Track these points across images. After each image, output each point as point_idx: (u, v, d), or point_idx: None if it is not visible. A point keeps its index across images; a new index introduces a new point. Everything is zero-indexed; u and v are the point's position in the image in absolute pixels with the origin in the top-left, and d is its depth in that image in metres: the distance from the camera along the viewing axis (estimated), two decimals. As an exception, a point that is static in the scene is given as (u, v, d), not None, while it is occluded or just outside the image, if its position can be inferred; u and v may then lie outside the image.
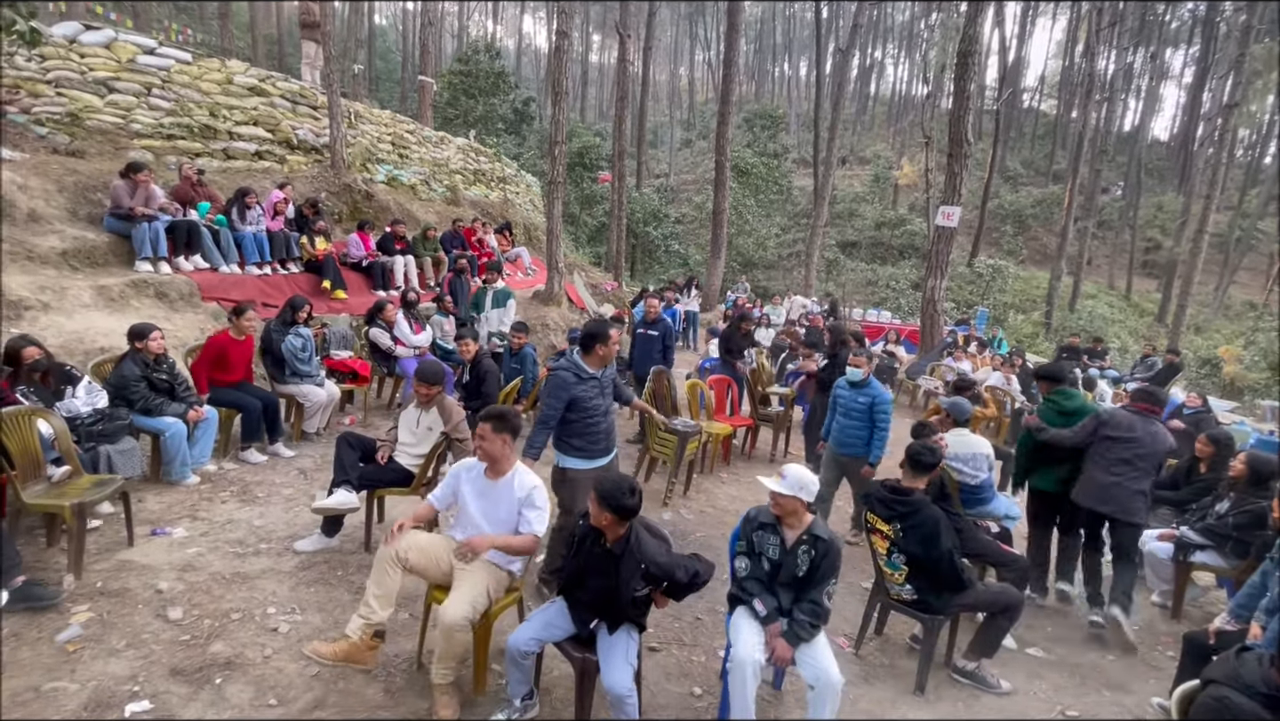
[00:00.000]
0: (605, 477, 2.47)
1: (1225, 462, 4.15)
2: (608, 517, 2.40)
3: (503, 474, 2.77)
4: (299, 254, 7.47)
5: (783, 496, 2.66)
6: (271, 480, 4.52)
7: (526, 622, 2.59)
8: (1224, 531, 3.79)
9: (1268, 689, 1.75)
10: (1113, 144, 35.39)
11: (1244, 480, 3.81)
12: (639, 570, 2.38)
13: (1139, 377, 10.43)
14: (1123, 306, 27.13)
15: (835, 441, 4.70)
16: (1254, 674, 1.80)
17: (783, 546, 2.70)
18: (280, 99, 9.41)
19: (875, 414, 4.52)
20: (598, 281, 14.65)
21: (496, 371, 5.45)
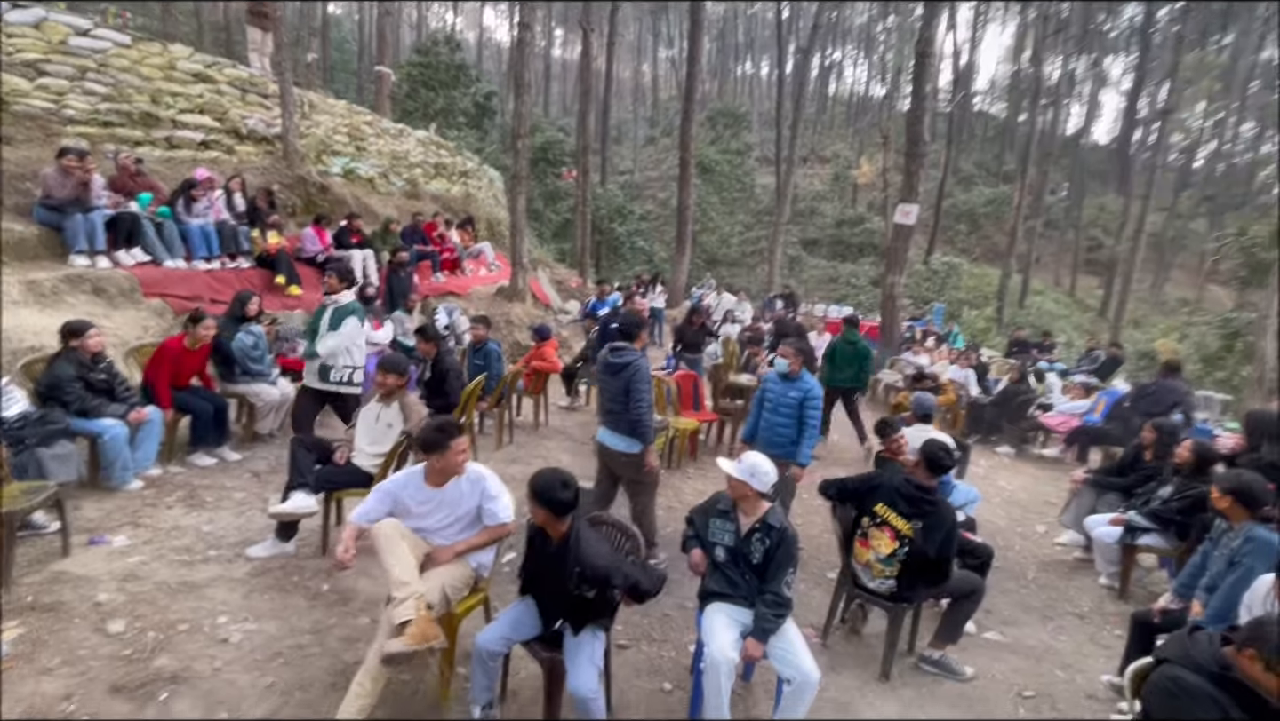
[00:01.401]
0: (540, 472, 2.41)
1: (1169, 450, 4.35)
2: (543, 514, 2.36)
3: (452, 479, 2.68)
4: (250, 248, 7.17)
5: (734, 480, 2.69)
6: (222, 484, 4.33)
7: (495, 622, 2.54)
8: (1168, 515, 3.97)
9: (1217, 666, 1.82)
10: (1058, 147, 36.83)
11: (1189, 466, 4.00)
12: (576, 572, 2.33)
13: (1084, 370, 10.87)
14: (1068, 302, 28.30)
15: (763, 441, 4.25)
16: (1204, 652, 1.87)
17: (737, 533, 2.72)
18: (228, 86, 9.00)
19: (806, 409, 4.15)
20: (563, 278, 14.53)
21: (459, 369, 5.34)
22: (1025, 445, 8.15)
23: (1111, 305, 23.77)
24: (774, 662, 2.57)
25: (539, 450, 5.94)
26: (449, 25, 44.96)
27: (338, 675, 2.64)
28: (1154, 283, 29.70)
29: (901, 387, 8.52)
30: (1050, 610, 4.10)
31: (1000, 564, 4.29)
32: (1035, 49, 27.47)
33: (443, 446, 2.60)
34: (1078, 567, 4.76)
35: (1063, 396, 8.55)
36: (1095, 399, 7.94)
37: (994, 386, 8.86)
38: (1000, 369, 10.65)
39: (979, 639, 3.64)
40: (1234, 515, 2.84)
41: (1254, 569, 2.65)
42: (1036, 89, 25.81)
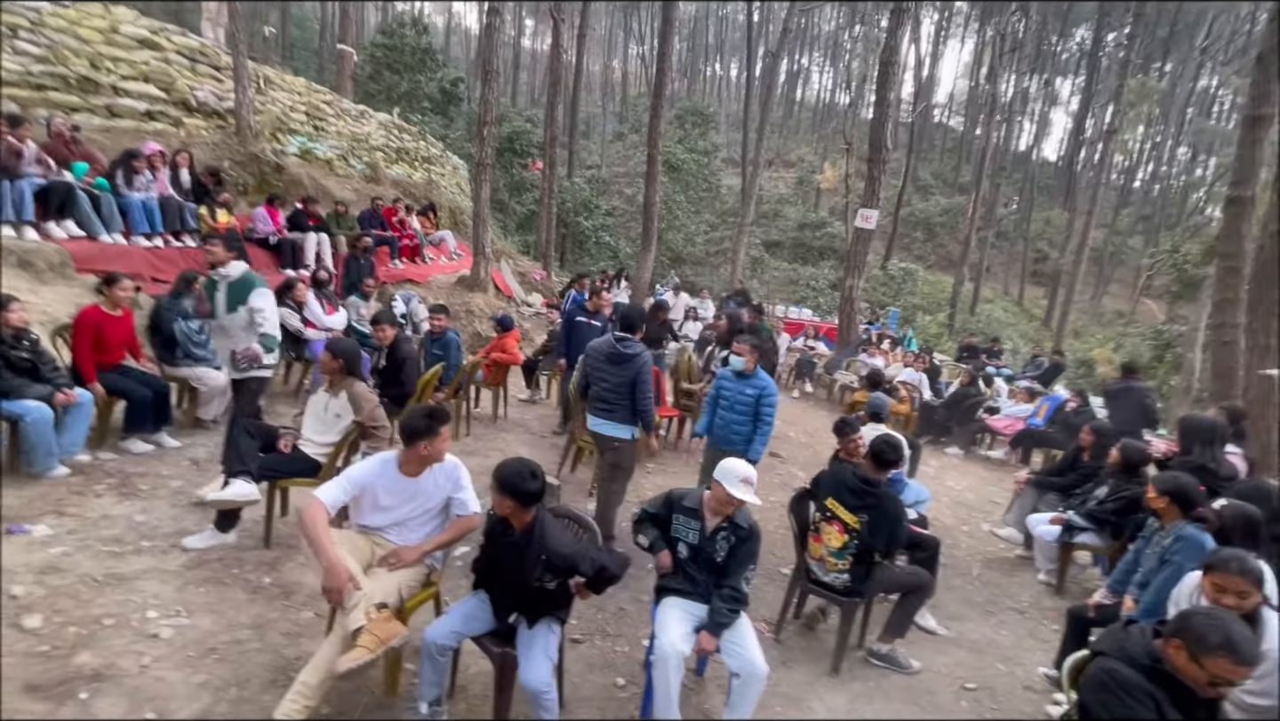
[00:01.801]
0: (506, 462, 2.35)
1: (1106, 451, 4.55)
2: (509, 504, 2.30)
3: (429, 468, 2.60)
4: (196, 226, 6.83)
5: (736, 499, 2.61)
6: (158, 471, 4.10)
7: (445, 616, 2.47)
8: (1103, 516, 4.16)
9: (1148, 659, 1.90)
10: (1010, 161, 38.31)
11: (1118, 467, 4.19)
12: (541, 561, 2.29)
13: (1029, 376, 11.33)
14: (1016, 311, 29.46)
15: (718, 438, 4.23)
16: (1136, 646, 1.95)
17: (702, 532, 2.71)
18: (176, 55, 8.56)
19: (761, 406, 4.13)
20: (526, 270, 14.34)
21: (416, 358, 5.20)
22: (973, 446, 8.44)
23: (1055, 315, 24.84)
24: (723, 656, 2.57)
25: (497, 443, 5.84)
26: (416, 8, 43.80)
27: (278, 672, 2.53)
28: (1094, 295, 31.19)
29: (857, 388, 8.71)
30: (992, 605, 4.25)
31: (947, 561, 4.42)
32: (992, 66, 28.46)
33: (433, 432, 2.52)
34: (1019, 565, 4.95)
35: (1009, 400, 8.89)
36: (1038, 403, 8.28)
37: (945, 389, 9.15)
38: (951, 373, 11.01)
39: (925, 632, 3.74)
40: (1168, 515, 2.98)
41: (1183, 566, 2.78)
42: (992, 104, 26.73)
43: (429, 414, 2.55)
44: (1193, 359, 12.79)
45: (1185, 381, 12.96)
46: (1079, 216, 27.04)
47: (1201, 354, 12.35)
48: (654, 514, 2.85)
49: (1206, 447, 3.69)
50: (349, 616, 2.18)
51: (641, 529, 2.86)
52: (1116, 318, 28.52)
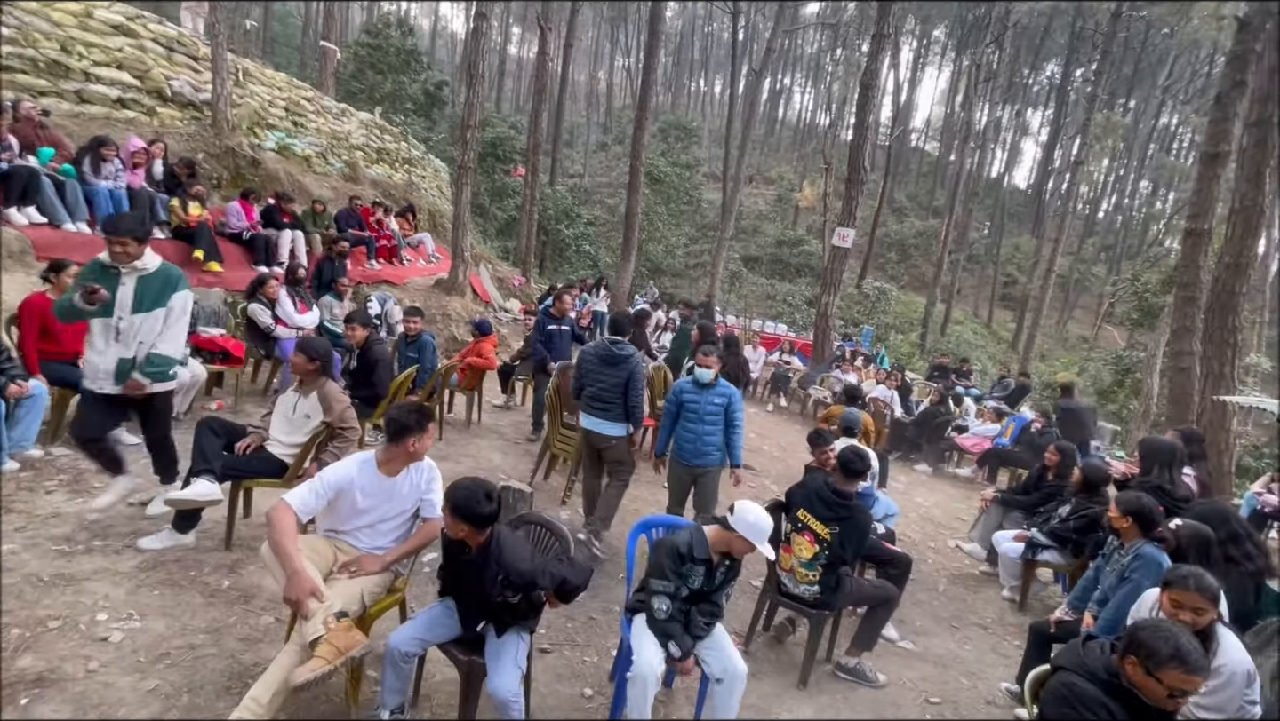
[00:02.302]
0: (458, 484, 2.24)
1: (1070, 471, 4.67)
2: (464, 528, 2.22)
3: (406, 468, 2.56)
4: (166, 218, 6.65)
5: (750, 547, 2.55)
6: (114, 469, 3.95)
7: (410, 622, 2.41)
8: (1065, 534, 4.26)
9: (1107, 674, 1.94)
10: (982, 187, 39.43)
11: (1079, 487, 4.30)
12: (499, 580, 2.25)
13: (996, 396, 11.60)
14: (985, 333, 30.18)
15: (687, 452, 4.08)
16: (1095, 661, 1.99)
17: (708, 574, 2.64)
18: (153, 43, 8.37)
19: (733, 413, 4.09)
20: (505, 275, 14.26)
21: (389, 359, 5.12)
22: (942, 464, 8.59)
23: (1022, 338, 25.53)
24: (702, 664, 2.57)
25: (470, 449, 5.77)
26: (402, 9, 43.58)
27: (233, 678, 2.44)
28: (1059, 319, 32.15)
29: (831, 403, 8.82)
30: (958, 620, 4.31)
31: (914, 576, 4.47)
32: (967, 94, 29.36)
33: (422, 429, 2.52)
34: (984, 581, 5.04)
35: (976, 420, 9.08)
36: (1005, 423, 8.48)
37: (916, 407, 9.31)
38: (922, 391, 11.21)
39: (894, 647, 3.78)
40: (1128, 534, 3.07)
41: (1141, 584, 2.86)
42: (966, 132, 27.53)
43: (418, 410, 2.55)
44: (1151, 384, 13.24)
45: (1144, 405, 13.40)
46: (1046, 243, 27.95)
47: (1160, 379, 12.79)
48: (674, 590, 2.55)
49: (1165, 469, 3.81)
50: (307, 625, 2.11)
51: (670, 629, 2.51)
52: (1080, 342, 29.44)
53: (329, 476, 2.45)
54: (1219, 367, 7.62)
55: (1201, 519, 2.93)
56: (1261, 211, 7.63)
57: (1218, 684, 2.32)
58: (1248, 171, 7.63)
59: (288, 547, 2.18)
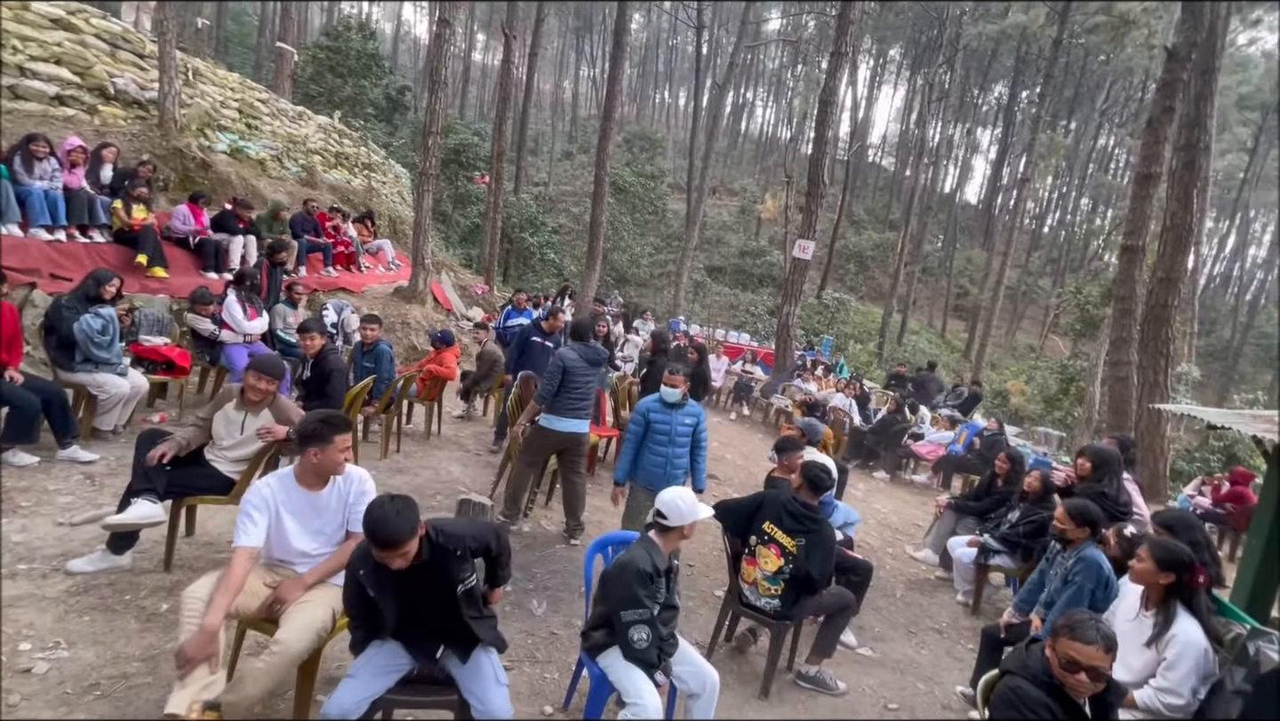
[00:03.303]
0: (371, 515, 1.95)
1: (1020, 476, 4.84)
2: (395, 554, 1.95)
3: (329, 482, 2.46)
4: (108, 221, 6.35)
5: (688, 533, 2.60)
6: (43, 486, 3.74)
7: (346, 681, 2.03)
8: (1015, 539, 4.41)
9: (1047, 676, 2.01)
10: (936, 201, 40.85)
11: (1036, 493, 4.46)
12: (456, 556, 2.09)
13: (950, 404, 11.97)
14: (939, 342, 31.19)
15: (656, 477, 3.88)
16: (1038, 663, 2.06)
17: (669, 582, 2.63)
18: (95, 39, 8.02)
19: (699, 434, 4.02)
20: (468, 283, 14.06)
21: (344, 369, 4.97)
22: (899, 471, 8.80)
23: (974, 347, 26.45)
24: (678, 683, 2.57)
25: (429, 460, 5.65)
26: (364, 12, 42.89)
27: (170, 708, 2.31)
28: (1008, 329, 33.44)
29: (792, 412, 8.95)
30: (914, 626, 4.40)
31: (874, 582, 4.55)
32: (921, 113, 30.43)
33: (324, 439, 2.33)
34: (939, 586, 5.16)
35: (931, 427, 9.35)
36: (958, 430, 8.75)
37: (874, 415, 9.54)
38: (880, 399, 11.49)
39: (853, 654, 3.83)
40: (1076, 537, 3.18)
41: (1083, 586, 2.98)
42: (920, 148, 28.54)
43: (325, 420, 2.40)
44: (1093, 392, 13.86)
45: (1087, 413, 14.01)
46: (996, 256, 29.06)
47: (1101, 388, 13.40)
48: (651, 614, 2.45)
49: (1113, 476, 3.97)
50: (175, 695, 1.99)
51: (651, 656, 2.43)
52: (1028, 351, 30.67)
53: (253, 498, 2.31)
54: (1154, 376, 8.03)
55: (1168, 527, 3.04)
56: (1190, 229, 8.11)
57: (1172, 657, 2.44)
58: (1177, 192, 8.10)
59: (220, 602, 2.08)
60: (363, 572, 2.04)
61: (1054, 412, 16.53)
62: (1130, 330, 8.41)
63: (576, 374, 4.31)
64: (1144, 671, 2.58)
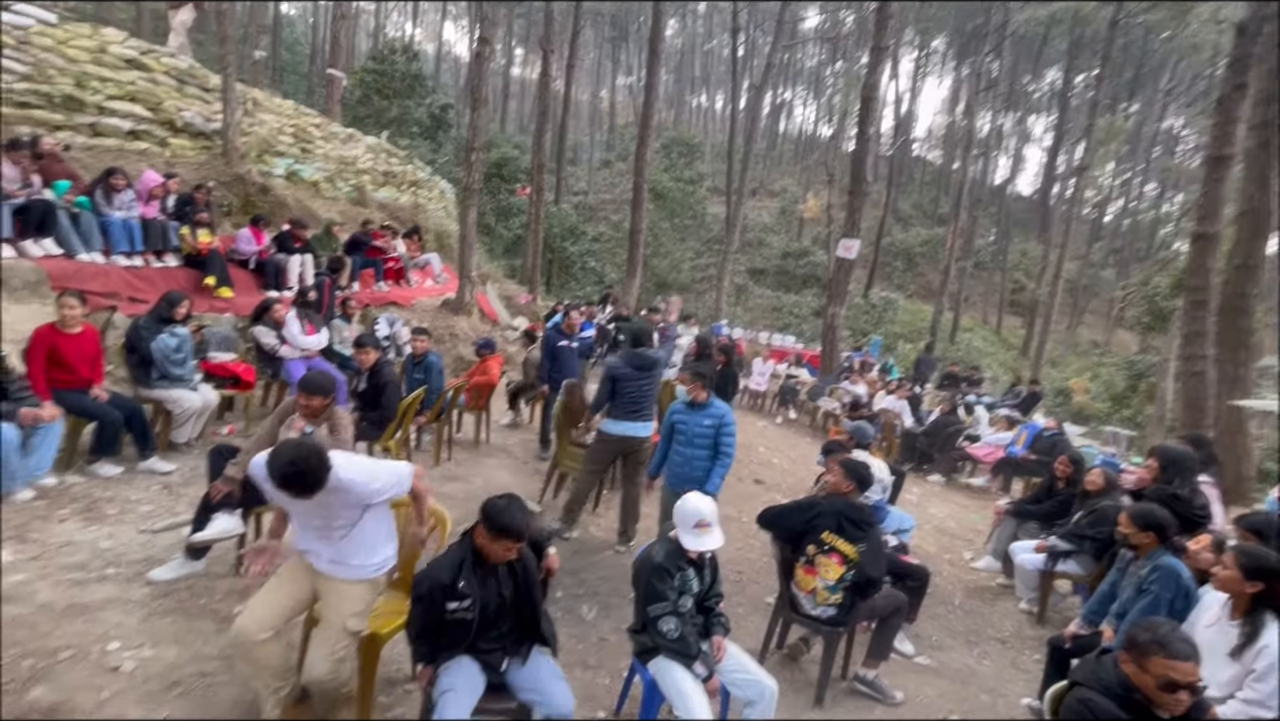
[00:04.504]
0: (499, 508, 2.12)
1: (1082, 478, 4.61)
2: (514, 545, 2.14)
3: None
4: (178, 245, 6.77)
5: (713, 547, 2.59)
6: (126, 496, 3.99)
7: (449, 694, 2.10)
8: (1081, 532, 4.21)
9: (1121, 689, 1.91)
10: (986, 194, 39.43)
11: (1099, 490, 4.25)
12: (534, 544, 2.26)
13: (1008, 404, 11.50)
14: (994, 340, 30.00)
15: (677, 476, 3.97)
16: (1110, 674, 1.96)
17: (699, 573, 2.65)
18: (165, 76, 8.58)
19: (721, 437, 3.92)
20: (512, 294, 14.36)
21: (397, 382, 5.15)
22: (955, 474, 8.50)
23: (1032, 344, 25.34)
24: (733, 690, 2.55)
25: (479, 468, 5.78)
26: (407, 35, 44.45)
27: (246, 707, 2.44)
28: (1069, 325, 31.90)
29: (839, 414, 8.77)
30: (975, 635, 4.24)
31: (930, 589, 4.41)
32: (968, 103, 29.47)
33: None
34: (1000, 593, 4.96)
35: (989, 428, 9.00)
36: (1017, 431, 8.39)
37: (926, 417, 9.25)
38: (932, 401, 11.13)
39: (910, 663, 3.72)
40: (1140, 542, 3.01)
41: (1160, 595, 2.81)
42: (969, 140, 27.58)
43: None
44: (1165, 389, 13.08)
45: (1159, 411, 13.24)
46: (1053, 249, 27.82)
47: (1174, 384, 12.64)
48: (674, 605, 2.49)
49: (1186, 478, 3.75)
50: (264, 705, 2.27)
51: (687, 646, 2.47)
52: (1092, 347, 29.16)
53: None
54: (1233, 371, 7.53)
55: (1255, 532, 2.86)
56: (1269, 212, 7.58)
57: (1262, 669, 2.29)
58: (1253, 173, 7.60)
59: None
60: (463, 584, 2.13)
61: (1122, 411, 15.68)
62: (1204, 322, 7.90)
63: (626, 380, 4.43)
64: (1230, 684, 2.42)
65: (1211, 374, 7.71)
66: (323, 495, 2.18)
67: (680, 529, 2.56)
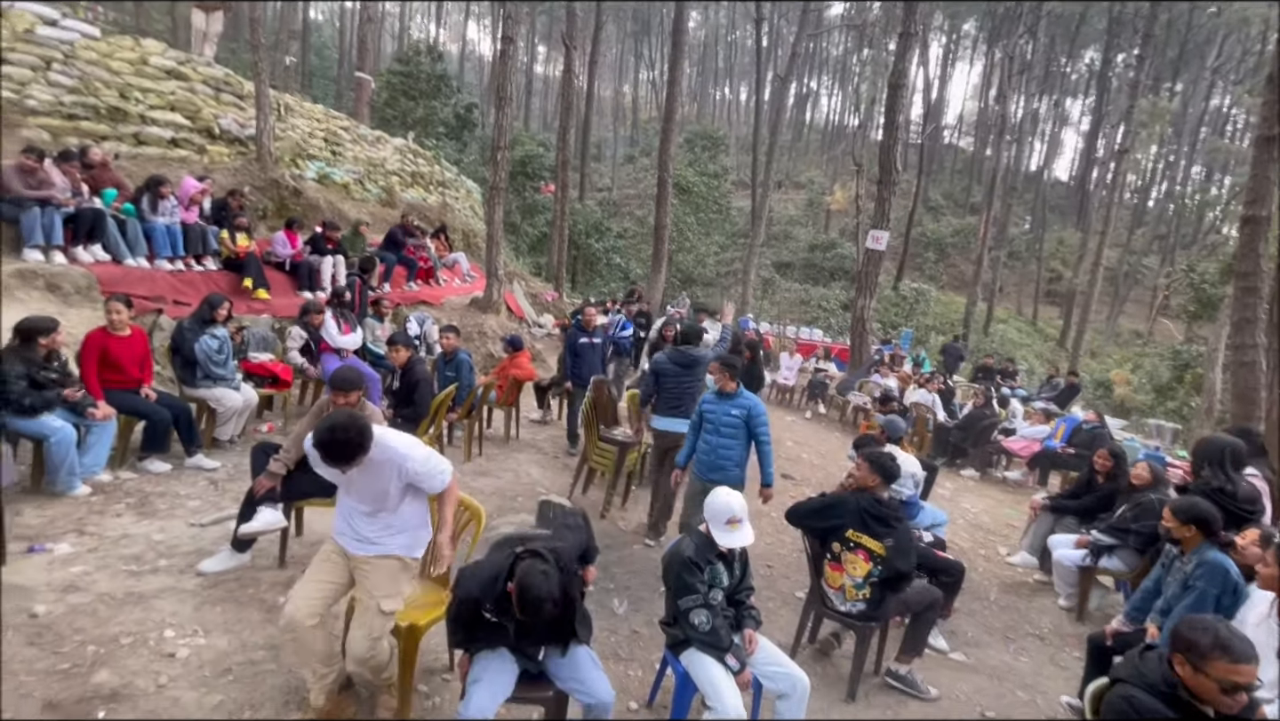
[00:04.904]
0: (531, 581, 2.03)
1: (1123, 473, 4.49)
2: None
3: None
4: (217, 250, 7.00)
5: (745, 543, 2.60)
6: (175, 491, 4.16)
7: (476, 686, 2.14)
8: (1125, 526, 4.10)
9: (1166, 686, 1.87)
10: (1021, 181, 38.31)
11: (1145, 485, 4.13)
12: (574, 576, 2.27)
13: (1044, 397, 11.20)
14: (1030, 331, 29.20)
15: (703, 465, 4.01)
16: (1154, 671, 1.92)
17: (729, 567, 2.66)
18: (202, 85, 8.85)
19: (754, 427, 3.94)
20: (538, 291, 14.47)
21: (430, 379, 5.25)
22: (989, 468, 8.33)
23: (1070, 335, 24.62)
24: (765, 682, 2.55)
25: (509, 463, 5.86)
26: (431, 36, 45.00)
27: (291, 693, 2.53)
28: (1110, 315, 30.85)
29: (870, 409, 8.66)
30: (1011, 631, 4.17)
31: (965, 585, 4.34)
32: (1001, 87, 28.63)
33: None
34: (1038, 590, 4.86)
35: (1024, 422, 8.79)
36: (1055, 424, 8.18)
37: (959, 411, 9.07)
38: (965, 394, 10.91)
39: (945, 660, 3.67)
40: (1189, 541, 2.92)
41: (1207, 591, 2.73)
42: (1002, 125, 26.83)
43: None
44: (1213, 379, 12.59)
45: (1207, 402, 12.74)
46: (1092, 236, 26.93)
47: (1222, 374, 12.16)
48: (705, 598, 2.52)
49: (1218, 469, 3.62)
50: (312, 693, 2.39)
51: (719, 638, 2.49)
52: (1134, 338, 28.17)
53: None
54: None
55: None
56: (1325, 194, 7.24)
57: None
58: (1307, 153, 7.25)
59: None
60: (489, 607, 2.15)
61: (1166, 403, 15.15)
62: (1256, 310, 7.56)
63: (668, 376, 4.64)
64: (1275, 685, 2.35)
65: (1263, 363, 7.40)
66: (365, 465, 2.26)
67: (712, 525, 2.58)
